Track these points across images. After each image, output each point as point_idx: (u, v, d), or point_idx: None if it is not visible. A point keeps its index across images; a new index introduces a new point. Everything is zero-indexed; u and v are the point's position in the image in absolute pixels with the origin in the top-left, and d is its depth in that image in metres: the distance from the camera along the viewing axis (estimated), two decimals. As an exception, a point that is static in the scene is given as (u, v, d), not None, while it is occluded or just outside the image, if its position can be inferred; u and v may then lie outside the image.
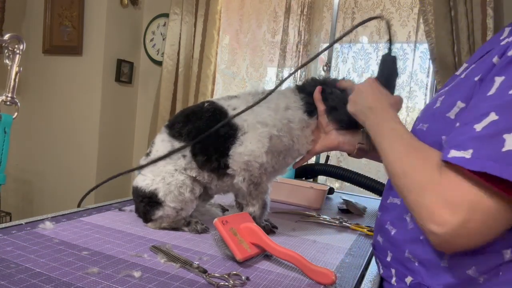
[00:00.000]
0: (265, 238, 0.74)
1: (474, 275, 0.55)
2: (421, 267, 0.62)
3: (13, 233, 0.74)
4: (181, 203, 0.87)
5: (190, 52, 2.52)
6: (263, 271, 0.69)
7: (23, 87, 2.77)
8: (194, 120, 0.90)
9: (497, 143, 0.45)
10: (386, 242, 0.71)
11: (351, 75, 2.18)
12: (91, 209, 0.99)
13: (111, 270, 0.63)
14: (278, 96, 0.91)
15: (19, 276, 0.57)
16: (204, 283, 0.62)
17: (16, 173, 2.81)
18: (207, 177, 0.90)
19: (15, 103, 1.00)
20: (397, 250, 0.67)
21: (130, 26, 2.75)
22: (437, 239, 0.49)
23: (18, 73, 1.00)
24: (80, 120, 2.66)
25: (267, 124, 0.86)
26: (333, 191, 1.58)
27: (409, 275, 0.64)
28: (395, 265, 0.68)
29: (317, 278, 0.66)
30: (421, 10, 1.88)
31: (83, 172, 2.65)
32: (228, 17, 2.54)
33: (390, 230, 0.69)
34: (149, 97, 2.79)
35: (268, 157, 0.86)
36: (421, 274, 0.62)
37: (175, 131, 0.90)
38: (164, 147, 0.90)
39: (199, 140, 0.87)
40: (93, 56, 2.60)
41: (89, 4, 2.57)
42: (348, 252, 0.85)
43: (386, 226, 0.70)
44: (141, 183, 0.89)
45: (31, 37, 2.72)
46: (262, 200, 0.91)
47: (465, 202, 0.46)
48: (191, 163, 0.88)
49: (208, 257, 0.73)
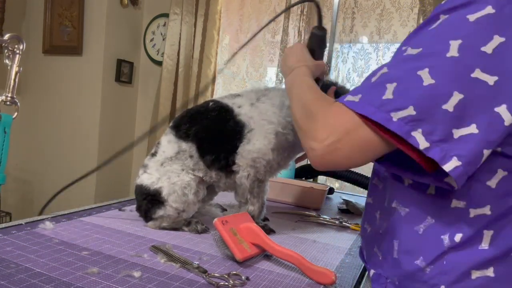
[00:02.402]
0: (265, 238, 0.74)
1: (421, 265, 0.57)
2: (382, 260, 0.65)
3: (13, 233, 0.74)
4: (184, 204, 0.87)
5: (190, 52, 2.52)
6: (263, 271, 0.69)
7: (23, 87, 2.77)
8: (201, 120, 0.90)
9: (379, 91, 0.52)
10: (364, 241, 0.74)
11: (351, 75, 2.18)
12: (91, 209, 0.99)
13: (111, 270, 0.63)
14: (283, 93, 0.91)
15: (19, 276, 0.57)
16: (204, 283, 0.62)
17: (16, 173, 2.80)
18: (215, 176, 0.91)
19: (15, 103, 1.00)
20: (368, 247, 0.70)
21: (130, 26, 2.75)
22: (313, 154, 0.57)
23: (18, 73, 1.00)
24: (80, 120, 2.66)
25: (272, 122, 0.87)
26: (333, 191, 1.58)
27: (372, 268, 0.67)
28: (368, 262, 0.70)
29: (317, 278, 0.66)
30: (421, 10, 1.88)
31: (83, 172, 2.64)
32: (228, 17, 2.54)
33: (366, 228, 0.72)
34: (149, 97, 2.79)
35: (274, 154, 0.87)
36: (383, 266, 0.64)
37: (182, 132, 0.90)
38: (171, 148, 0.90)
39: None
40: (93, 56, 2.60)
41: (89, 4, 2.57)
42: (348, 252, 0.85)
43: (364, 226, 0.73)
44: (146, 181, 0.89)
45: (31, 37, 2.72)
46: (262, 199, 0.91)
47: (342, 127, 0.54)
48: (198, 164, 0.89)
49: (208, 257, 0.73)
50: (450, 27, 0.51)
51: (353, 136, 0.54)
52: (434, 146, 0.49)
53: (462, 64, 0.48)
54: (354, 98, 0.55)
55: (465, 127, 0.48)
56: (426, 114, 0.49)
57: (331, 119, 0.56)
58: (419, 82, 0.49)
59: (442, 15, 0.52)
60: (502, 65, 0.48)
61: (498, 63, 0.48)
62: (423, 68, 0.50)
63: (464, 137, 0.48)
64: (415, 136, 0.49)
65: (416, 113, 0.49)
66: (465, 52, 0.48)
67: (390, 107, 0.50)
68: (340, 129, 0.55)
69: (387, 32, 2.10)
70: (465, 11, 0.50)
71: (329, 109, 0.58)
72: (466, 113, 0.48)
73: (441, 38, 0.50)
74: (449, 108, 0.48)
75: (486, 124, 0.48)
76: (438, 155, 0.48)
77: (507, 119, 0.48)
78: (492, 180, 0.53)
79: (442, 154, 0.49)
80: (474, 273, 0.53)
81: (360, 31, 2.16)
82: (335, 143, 0.54)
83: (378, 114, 0.51)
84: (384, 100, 0.51)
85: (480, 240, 0.54)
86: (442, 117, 0.48)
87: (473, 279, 0.53)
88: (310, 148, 0.57)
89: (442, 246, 0.55)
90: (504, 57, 0.48)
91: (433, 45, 0.51)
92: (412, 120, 0.49)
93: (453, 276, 0.54)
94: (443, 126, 0.49)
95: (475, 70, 0.48)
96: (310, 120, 0.60)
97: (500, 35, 0.48)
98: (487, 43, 0.48)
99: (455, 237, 0.55)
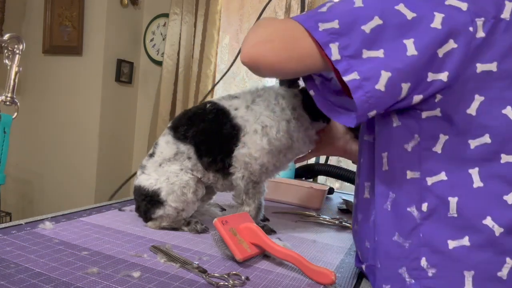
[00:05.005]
0: (265, 238, 0.74)
1: (399, 240, 0.58)
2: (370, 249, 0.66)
3: (13, 233, 0.74)
4: (183, 203, 0.87)
5: (190, 52, 2.52)
6: (263, 271, 0.69)
7: (23, 87, 2.77)
8: (198, 123, 0.90)
9: (319, 8, 0.58)
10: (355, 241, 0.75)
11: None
12: (91, 209, 0.99)
13: (111, 270, 0.63)
14: (277, 94, 0.92)
15: (19, 276, 0.57)
16: (204, 283, 0.62)
17: (16, 173, 2.81)
18: (213, 178, 0.91)
19: (15, 103, 1.00)
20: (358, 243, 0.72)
21: (130, 26, 2.75)
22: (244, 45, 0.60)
23: (17, 73, 1.00)
24: (80, 120, 2.66)
25: (265, 125, 0.87)
26: (333, 191, 1.58)
27: (365, 262, 0.69)
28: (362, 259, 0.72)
29: (317, 278, 0.66)
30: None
31: (83, 172, 2.65)
32: (228, 17, 2.54)
33: (355, 228, 0.74)
34: (149, 97, 2.79)
35: (268, 157, 0.87)
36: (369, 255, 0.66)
37: (180, 134, 0.90)
38: (169, 149, 0.90)
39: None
40: (93, 56, 2.60)
41: (89, 4, 2.57)
42: (348, 252, 0.85)
43: (354, 227, 0.74)
44: (145, 182, 0.89)
45: (31, 37, 2.72)
46: (258, 200, 0.91)
47: (280, 28, 0.59)
48: (196, 165, 0.89)
49: (208, 257, 0.73)
50: None
51: (286, 33, 0.58)
52: (343, 60, 0.53)
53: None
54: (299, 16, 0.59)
55: (374, 50, 0.53)
56: (346, 30, 0.53)
57: (276, 24, 0.61)
58: (350, 4, 0.55)
59: None
60: (422, 7, 0.52)
61: (420, 4, 0.52)
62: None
63: (370, 58, 0.53)
64: (331, 48, 0.54)
65: (339, 28, 0.54)
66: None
67: (319, 18, 0.56)
68: (279, 31, 0.59)
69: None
70: None
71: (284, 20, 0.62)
72: (379, 39, 0.53)
73: None
74: (366, 29, 0.53)
75: (391, 50, 0.52)
76: (343, 68, 0.53)
77: (410, 51, 0.51)
78: (436, 146, 0.55)
79: (347, 67, 0.53)
80: (451, 243, 0.53)
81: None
82: (269, 36, 0.59)
83: (307, 22, 0.56)
84: (318, 12, 0.57)
85: (447, 208, 0.54)
86: (358, 36, 0.53)
87: (451, 249, 0.53)
88: (244, 41, 0.61)
89: (413, 218, 0.56)
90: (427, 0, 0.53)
91: None
92: (334, 33, 0.54)
93: (432, 247, 0.55)
94: (356, 45, 0.53)
95: (400, 3, 0.53)
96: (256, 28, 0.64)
97: None
98: None
99: (422, 207, 0.56)
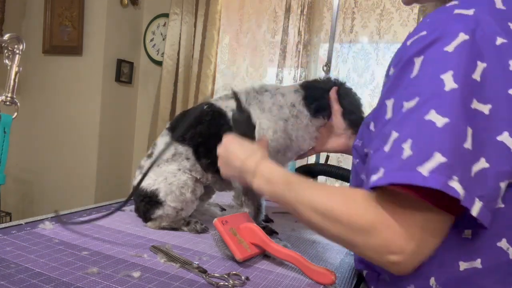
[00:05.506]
0: (265, 238, 0.74)
1: None
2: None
3: (13, 233, 0.74)
4: (182, 203, 0.87)
5: (190, 52, 2.52)
6: (263, 271, 0.69)
7: (23, 87, 2.77)
8: (196, 124, 0.90)
9: (398, 154, 0.46)
10: None
11: (351, 75, 2.18)
12: (91, 209, 0.99)
13: (111, 270, 0.63)
14: (273, 96, 0.92)
15: (19, 276, 0.57)
16: (204, 283, 0.62)
17: (16, 173, 2.80)
18: (211, 178, 0.91)
19: (15, 103, 1.00)
20: None
21: (130, 26, 2.74)
22: (399, 268, 0.49)
23: (17, 73, 1.00)
24: (80, 120, 2.65)
25: (262, 128, 0.87)
26: (333, 191, 1.57)
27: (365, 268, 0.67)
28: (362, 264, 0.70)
29: (317, 278, 0.66)
30: (421, 10, 1.88)
31: (83, 172, 2.64)
32: (228, 17, 2.54)
33: None
34: (149, 97, 2.79)
35: None
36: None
37: (178, 135, 0.91)
38: (167, 149, 0.90)
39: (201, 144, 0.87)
40: (93, 56, 2.60)
41: (89, 4, 2.57)
42: (348, 252, 0.85)
43: None
44: (143, 182, 0.89)
45: (31, 37, 2.72)
46: (257, 201, 0.91)
47: (413, 225, 0.47)
48: (195, 166, 0.89)
49: (208, 257, 0.73)
50: (434, 64, 0.48)
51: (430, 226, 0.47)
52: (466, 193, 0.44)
53: (463, 95, 0.45)
54: (377, 176, 0.48)
55: (476, 162, 0.45)
56: (453, 157, 0.44)
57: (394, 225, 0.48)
58: (432, 126, 0.45)
59: (415, 58, 0.49)
60: (491, 92, 0.46)
61: (487, 90, 0.46)
62: (429, 112, 0.45)
63: (478, 173, 0.45)
64: (454, 186, 0.43)
65: (446, 159, 0.43)
66: (461, 81, 0.45)
67: (415, 162, 0.44)
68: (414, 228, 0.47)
69: (387, 32, 2.10)
70: (439, 45, 0.48)
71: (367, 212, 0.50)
72: (475, 148, 0.45)
73: (431, 77, 0.47)
74: (469, 146, 0.44)
75: (493, 155, 0.45)
76: (470, 203, 0.44)
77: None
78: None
79: (470, 198, 0.44)
80: (462, 264, 0.52)
81: (360, 31, 2.16)
82: (417, 245, 0.47)
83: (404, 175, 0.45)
84: (405, 159, 0.45)
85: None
86: (467, 157, 0.44)
87: (461, 271, 0.52)
88: (390, 263, 0.49)
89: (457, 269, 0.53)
90: (492, 82, 0.46)
91: (427, 87, 0.47)
92: (445, 167, 0.43)
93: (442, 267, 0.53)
94: (466, 167, 0.44)
95: (473, 100, 0.46)
96: (362, 234, 0.50)
97: (481, 61, 0.46)
98: (474, 70, 0.46)
99: None
